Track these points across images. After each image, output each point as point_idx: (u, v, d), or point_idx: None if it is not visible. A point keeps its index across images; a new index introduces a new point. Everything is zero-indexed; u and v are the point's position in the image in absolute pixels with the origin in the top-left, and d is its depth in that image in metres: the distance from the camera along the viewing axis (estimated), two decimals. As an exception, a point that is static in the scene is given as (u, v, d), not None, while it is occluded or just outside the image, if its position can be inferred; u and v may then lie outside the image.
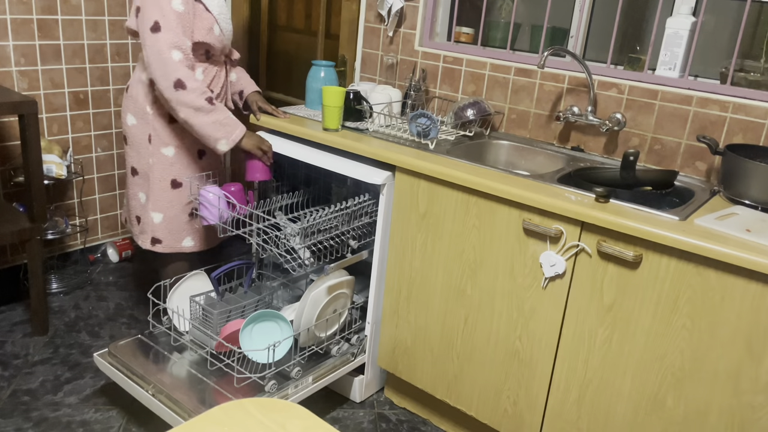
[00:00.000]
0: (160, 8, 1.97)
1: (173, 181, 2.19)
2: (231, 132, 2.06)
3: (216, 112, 2.03)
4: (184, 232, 2.26)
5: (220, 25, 2.11)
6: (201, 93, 2.00)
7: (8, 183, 2.75)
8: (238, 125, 2.08)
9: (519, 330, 1.89)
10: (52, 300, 2.80)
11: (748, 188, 1.78)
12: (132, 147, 2.22)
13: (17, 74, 2.69)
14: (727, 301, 1.52)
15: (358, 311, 2.27)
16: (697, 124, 2.02)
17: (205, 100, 2.01)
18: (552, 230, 1.75)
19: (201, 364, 2.05)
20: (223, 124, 2.04)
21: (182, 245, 2.27)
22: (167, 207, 2.21)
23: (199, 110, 2.01)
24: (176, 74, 1.97)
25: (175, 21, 1.98)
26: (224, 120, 2.05)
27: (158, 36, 1.97)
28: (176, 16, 1.98)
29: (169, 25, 1.97)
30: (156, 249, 2.26)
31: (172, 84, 1.98)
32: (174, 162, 2.18)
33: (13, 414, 2.11)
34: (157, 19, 1.97)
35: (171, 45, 1.98)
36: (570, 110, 2.24)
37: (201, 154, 2.23)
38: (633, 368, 1.71)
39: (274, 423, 1.02)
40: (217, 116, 2.03)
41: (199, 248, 2.31)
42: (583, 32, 2.35)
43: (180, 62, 1.98)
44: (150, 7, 1.99)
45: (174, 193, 2.20)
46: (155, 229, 2.23)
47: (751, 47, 2.08)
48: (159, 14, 1.97)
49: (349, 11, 2.74)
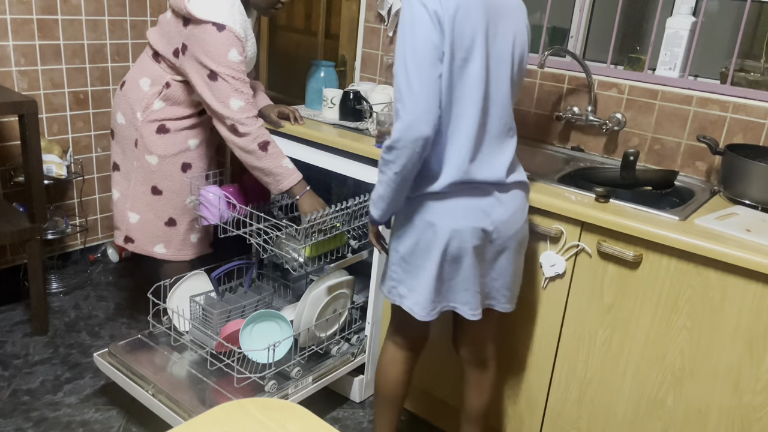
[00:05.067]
0: (218, 58, 1.94)
1: (154, 187, 2.17)
2: (280, 182, 2.02)
3: (267, 158, 2.00)
4: (156, 238, 2.22)
5: (248, 54, 2.08)
6: (254, 138, 1.98)
7: (8, 183, 2.75)
8: (287, 179, 2.01)
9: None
10: (52, 300, 2.80)
11: (748, 188, 1.78)
12: (118, 144, 2.20)
13: (17, 74, 2.69)
14: (727, 301, 1.52)
15: (358, 311, 2.27)
16: (697, 124, 2.02)
17: (258, 146, 1.98)
18: (552, 230, 1.75)
19: (201, 364, 2.05)
20: (273, 173, 2.01)
21: (153, 250, 2.24)
22: (144, 210, 2.19)
23: (251, 154, 2.00)
24: (231, 119, 1.96)
25: (239, 72, 1.96)
26: (275, 169, 2.01)
27: (217, 84, 1.95)
28: (238, 68, 1.96)
29: (228, 75, 1.94)
30: (128, 247, 2.26)
31: (229, 129, 1.99)
32: (156, 170, 2.15)
33: (13, 414, 2.11)
34: (215, 69, 1.94)
35: (231, 92, 1.95)
36: (570, 110, 2.24)
37: (186, 168, 2.18)
38: (633, 368, 1.71)
39: (274, 423, 1.02)
40: (268, 163, 2.00)
41: (173, 258, 2.26)
42: (583, 32, 2.35)
43: (235, 110, 1.96)
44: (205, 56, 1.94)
45: (153, 198, 2.18)
46: (129, 228, 2.22)
47: (751, 47, 2.08)
48: (216, 64, 1.94)
49: (349, 11, 2.74)
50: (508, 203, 1.57)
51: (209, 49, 1.94)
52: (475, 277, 1.58)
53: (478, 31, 1.44)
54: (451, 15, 1.40)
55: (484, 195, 1.54)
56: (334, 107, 2.36)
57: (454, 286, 1.59)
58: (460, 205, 1.53)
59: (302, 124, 2.27)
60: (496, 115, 1.53)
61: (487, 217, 1.54)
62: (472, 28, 1.43)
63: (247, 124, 1.97)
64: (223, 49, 1.94)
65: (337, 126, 2.32)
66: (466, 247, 1.53)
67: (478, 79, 1.46)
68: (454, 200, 1.52)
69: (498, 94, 1.51)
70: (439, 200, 1.52)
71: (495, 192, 1.55)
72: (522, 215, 1.62)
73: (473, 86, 1.46)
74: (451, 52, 1.41)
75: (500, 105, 1.53)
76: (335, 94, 2.36)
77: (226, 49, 1.94)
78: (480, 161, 1.52)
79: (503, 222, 1.56)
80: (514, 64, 1.54)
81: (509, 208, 1.57)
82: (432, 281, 1.56)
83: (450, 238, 1.52)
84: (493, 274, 1.62)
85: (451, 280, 1.59)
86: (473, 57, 1.44)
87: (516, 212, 1.59)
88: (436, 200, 1.52)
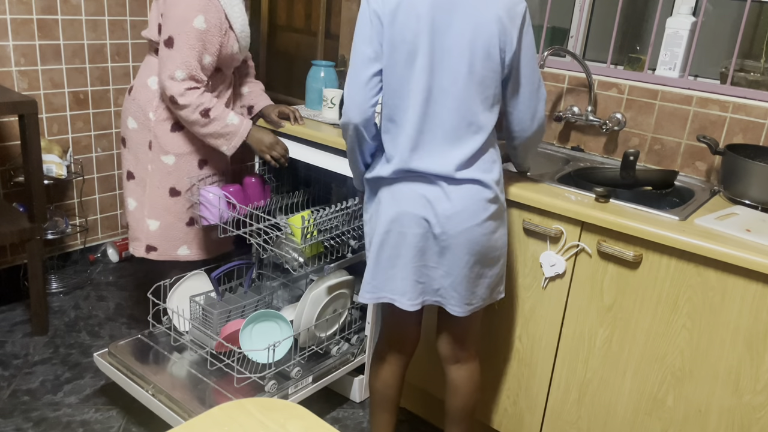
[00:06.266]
0: (180, 24, 1.93)
1: (172, 189, 2.15)
2: (230, 140, 2.04)
3: (212, 124, 2.00)
4: (179, 241, 2.22)
5: (240, 43, 2.08)
6: (195, 108, 1.98)
7: (8, 183, 2.75)
8: (236, 134, 2.04)
9: (520, 331, 1.89)
10: (52, 300, 2.80)
11: (748, 188, 1.78)
12: (130, 151, 2.17)
13: (17, 74, 2.69)
14: (727, 301, 1.52)
15: (358, 311, 2.27)
16: (697, 124, 2.02)
17: (199, 114, 1.98)
18: (552, 230, 1.75)
19: (201, 364, 2.05)
20: (221, 134, 2.02)
21: (177, 253, 2.23)
22: (164, 214, 2.17)
23: (194, 122, 2.00)
24: (170, 91, 1.96)
25: (195, 39, 1.94)
26: (221, 130, 2.02)
27: (169, 52, 1.95)
28: (196, 35, 1.94)
29: (183, 42, 1.94)
30: (150, 257, 2.22)
31: (168, 99, 1.98)
32: (173, 170, 2.14)
33: (13, 414, 2.11)
34: (173, 34, 1.94)
35: (178, 62, 1.95)
36: (570, 110, 2.24)
37: (202, 164, 2.18)
38: (633, 368, 1.71)
39: (274, 423, 1.02)
40: (214, 128, 2.01)
41: (196, 257, 2.27)
42: (583, 32, 2.35)
43: (178, 81, 1.95)
44: (170, 20, 1.95)
45: (172, 201, 2.16)
46: (150, 237, 2.19)
47: (751, 47, 2.08)
48: (178, 30, 1.94)
49: (349, 11, 2.74)
50: (456, 200, 1.54)
51: (177, 12, 1.93)
52: (415, 266, 1.59)
53: (422, 26, 1.48)
54: (391, 11, 1.48)
55: (432, 186, 1.56)
56: (334, 107, 2.36)
57: (393, 275, 1.61)
58: (405, 191, 1.57)
59: (302, 124, 2.27)
60: (448, 108, 1.52)
61: (431, 208, 1.55)
62: (415, 23, 1.48)
63: (186, 95, 1.96)
64: (190, 13, 1.92)
65: (337, 126, 2.32)
66: (406, 232, 1.57)
67: (422, 72, 1.50)
68: (399, 185, 1.58)
69: (451, 87, 1.51)
70: (387, 185, 1.60)
71: (443, 184, 1.55)
72: (474, 217, 1.54)
73: (417, 78, 1.51)
74: (392, 46, 1.50)
75: (454, 98, 1.51)
76: (335, 94, 2.36)
77: (194, 14, 1.92)
78: (424, 151, 1.55)
79: (447, 218, 1.54)
80: (476, 57, 1.49)
81: (456, 205, 1.54)
82: (373, 263, 1.62)
83: (392, 221, 1.57)
84: (440, 269, 1.59)
85: (392, 268, 1.61)
86: (418, 50, 1.49)
87: (465, 211, 1.53)
88: (386, 185, 1.60)
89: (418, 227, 1.55)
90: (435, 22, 1.48)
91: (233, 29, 2.04)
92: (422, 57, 1.49)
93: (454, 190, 1.54)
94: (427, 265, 1.59)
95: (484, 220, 1.56)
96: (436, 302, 1.64)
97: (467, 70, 1.50)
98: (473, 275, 1.60)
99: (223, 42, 2.02)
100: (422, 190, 1.55)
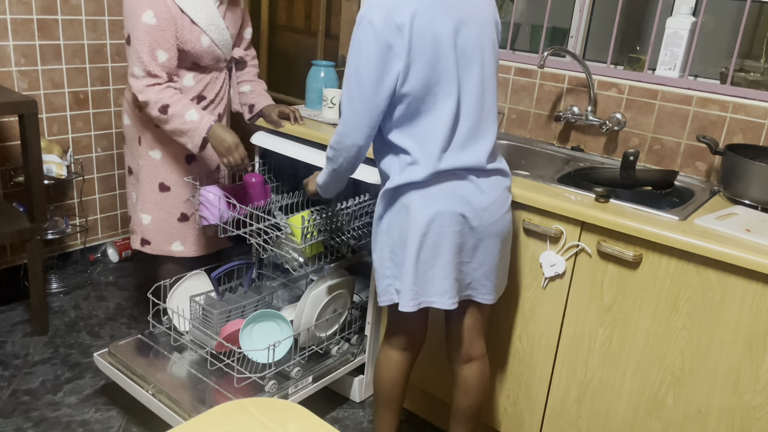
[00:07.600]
0: (131, 21, 1.95)
1: (161, 184, 2.17)
2: (192, 137, 2.00)
3: (171, 120, 1.98)
4: (172, 236, 2.23)
5: (210, 36, 2.05)
6: (154, 104, 1.97)
7: (8, 183, 2.75)
8: (195, 131, 1.98)
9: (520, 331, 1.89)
10: (52, 300, 2.80)
11: (748, 188, 1.78)
12: (127, 146, 2.23)
13: (17, 74, 2.69)
14: (727, 301, 1.52)
15: (358, 311, 2.27)
16: (697, 124, 2.02)
17: (158, 111, 1.97)
18: (552, 230, 1.75)
19: (201, 364, 2.05)
20: (182, 131, 1.99)
21: (171, 249, 2.24)
22: (155, 209, 2.19)
23: (157, 120, 2.00)
24: (132, 88, 1.98)
25: (144, 35, 1.94)
26: (181, 127, 1.98)
27: (129, 50, 1.98)
28: (145, 30, 1.93)
29: (136, 38, 1.94)
30: (145, 250, 2.24)
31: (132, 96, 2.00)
32: (160, 165, 2.15)
33: (13, 414, 2.11)
34: (129, 32, 1.96)
35: (134, 59, 1.96)
36: (570, 110, 2.24)
37: (190, 159, 2.18)
38: (633, 368, 1.71)
39: (274, 423, 1.02)
40: (174, 124, 1.99)
41: (191, 254, 2.27)
42: (583, 32, 2.36)
43: (138, 78, 1.96)
44: (125, 17, 1.97)
45: (161, 196, 2.18)
46: (144, 231, 2.22)
47: (751, 47, 2.08)
48: (131, 27, 1.95)
49: (349, 11, 2.75)
50: (488, 191, 1.59)
51: (128, 8, 1.94)
52: (455, 264, 1.59)
53: (443, 29, 1.48)
54: (407, 23, 1.44)
55: (464, 181, 1.57)
56: (334, 107, 2.36)
57: (432, 277, 1.60)
58: (440, 191, 1.56)
59: (302, 124, 2.27)
60: (472, 103, 1.56)
61: (467, 203, 1.56)
62: (434, 29, 1.47)
63: (144, 91, 1.96)
64: (138, 9, 1.92)
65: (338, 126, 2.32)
66: (445, 232, 1.56)
67: (451, 73, 1.51)
68: (434, 187, 1.56)
69: (470, 83, 1.55)
70: (420, 189, 1.57)
71: (475, 179, 1.57)
72: (503, 206, 1.62)
73: (447, 80, 1.51)
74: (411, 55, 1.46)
75: (473, 92, 1.56)
76: (335, 94, 2.36)
77: (142, 9, 1.92)
78: (459, 149, 1.56)
79: (483, 209, 1.57)
80: (485, 52, 1.57)
81: (490, 196, 1.59)
82: (412, 269, 1.59)
83: (429, 222, 1.55)
84: (474, 263, 1.63)
85: (430, 270, 1.59)
86: (443, 54, 1.49)
87: (496, 201, 1.60)
88: (418, 189, 1.57)
89: (456, 224, 1.56)
90: (454, 23, 1.50)
91: (196, 23, 2.01)
92: (448, 58, 1.50)
93: (484, 182, 1.59)
94: (463, 261, 1.62)
95: (509, 208, 1.66)
96: (468, 296, 1.67)
97: (480, 63, 1.56)
98: (502, 262, 1.69)
99: (183, 37, 2.00)
100: (455, 188, 1.57)
